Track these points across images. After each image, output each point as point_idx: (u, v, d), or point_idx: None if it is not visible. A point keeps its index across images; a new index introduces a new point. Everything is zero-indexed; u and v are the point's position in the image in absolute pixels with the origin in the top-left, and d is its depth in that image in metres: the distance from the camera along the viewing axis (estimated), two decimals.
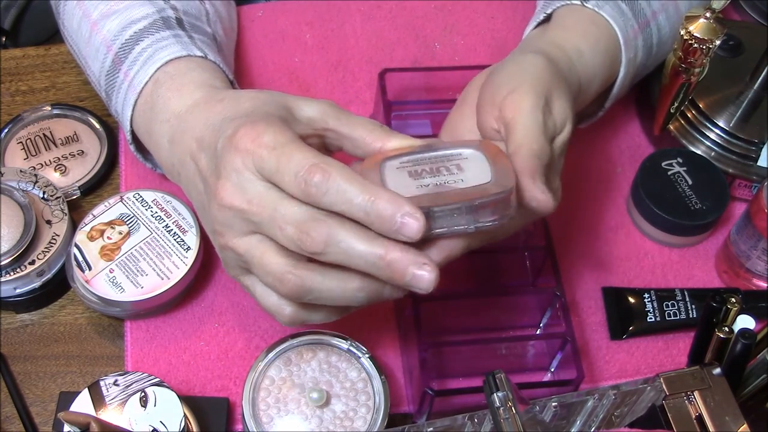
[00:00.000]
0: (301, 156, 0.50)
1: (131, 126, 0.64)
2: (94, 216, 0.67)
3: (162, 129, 0.61)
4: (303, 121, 0.56)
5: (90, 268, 0.65)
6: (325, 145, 0.57)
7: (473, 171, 0.53)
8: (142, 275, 0.65)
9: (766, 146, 0.74)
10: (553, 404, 0.55)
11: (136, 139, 0.66)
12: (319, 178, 0.49)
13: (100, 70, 0.65)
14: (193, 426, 0.60)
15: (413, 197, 0.50)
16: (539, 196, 0.53)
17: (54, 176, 0.73)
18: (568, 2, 0.67)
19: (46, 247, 0.67)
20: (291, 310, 0.54)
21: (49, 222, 0.67)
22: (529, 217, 0.57)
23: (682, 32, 0.68)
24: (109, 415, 0.58)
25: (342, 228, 0.49)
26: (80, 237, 0.66)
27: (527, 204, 0.53)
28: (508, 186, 0.51)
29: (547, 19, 0.68)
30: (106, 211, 0.67)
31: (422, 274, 0.49)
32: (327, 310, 0.55)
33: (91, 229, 0.66)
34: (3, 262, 0.65)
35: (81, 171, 0.73)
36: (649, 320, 0.70)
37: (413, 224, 0.48)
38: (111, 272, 0.65)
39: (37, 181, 0.69)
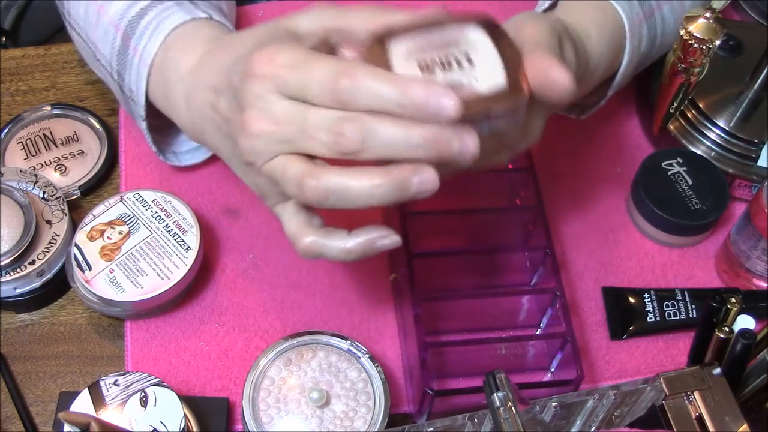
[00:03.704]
0: (323, 66, 0.49)
1: (148, 99, 0.64)
2: (94, 216, 0.67)
3: (176, 91, 0.61)
4: (305, 34, 0.55)
5: (90, 268, 0.65)
6: (331, 47, 0.56)
7: (485, 66, 0.51)
8: (142, 275, 0.65)
9: (766, 146, 0.74)
10: (553, 404, 0.55)
11: (150, 121, 0.66)
12: (347, 82, 0.48)
13: (111, 52, 0.65)
14: (193, 426, 0.60)
15: None
16: (559, 75, 0.52)
17: (54, 176, 0.73)
18: None
19: (46, 247, 0.67)
20: (309, 240, 0.53)
21: (49, 222, 0.67)
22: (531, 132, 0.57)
23: (682, 32, 0.68)
24: (109, 415, 0.58)
25: (378, 121, 0.49)
26: (80, 237, 0.66)
27: (544, 87, 0.53)
28: (524, 93, 0.51)
29: (553, 6, 0.68)
30: (106, 211, 0.67)
31: (467, 141, 0.49)
32: (342, 242, 0.54)
33: (91, 229, 0.66)
34: (3, 262, 0.65)
35: (81, 171, 0.73)
36: (649, 320, 0.70)
37: (449, 103, 0.48)
38: (111, 272, 0.65)
39: (37, 181, 0.69)
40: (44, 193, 0.68)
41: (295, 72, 0.50)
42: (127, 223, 0.67)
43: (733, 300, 0.57)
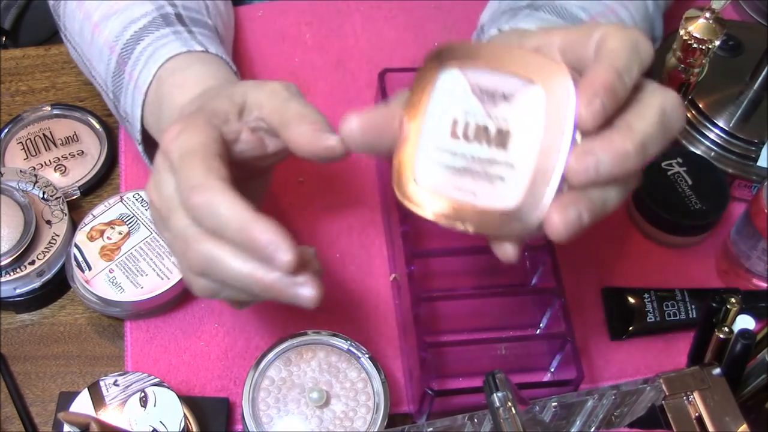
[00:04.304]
0: (192, 173, 0.49)
1: (143, 125, 0.64)
2: (94, 216, 0.67)
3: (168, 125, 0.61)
4: (248, 111, 0.54)
5: (90, 268, 0.65)
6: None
7: (516, 154, 0.46)
8: (142, 275, 0.65)
9: (766, 146, 0.74)
10: (553, 404, 0.55)
11: (146, 141, 0.65)
12: (198, 201, 0.48)
13: (106, 72, 0.65)
14: (193, 426, 0.60)
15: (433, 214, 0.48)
16: (585, 113, 0.43)
17: (54, 176, 0.73)
18: (497, 28, 0.65)
19: (46, 247, 0.67)
20: (202, 281, 0.51)
21: (49, 222, 0.68)
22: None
23: (682, 32, 0.68)
24: (109, 415, 0.58)
25: (220, 249, 0.48)
26: (80, 237, 0.66)
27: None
28: (532, 223, 0.45)
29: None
30: (106, 211, 0.67)
31: (303, 293, 0.48)
32: (236, 291, 0.52)
33: (91, 229, 0.66)
34: (3, 262, 0.65)
35: (81, 171, 0.73)
36: (649, 320, 0.70)
37: (283, 260, 0.46)
38: (111, 272, 0.65)
39: (37, 181, 0.69)
40: (44, 193, 0.68)
41: (177, 161, 0.50)
42: (127, 223, 0.67)
43: (733, 300, 0.57)
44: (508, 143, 0.47)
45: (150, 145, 0.66)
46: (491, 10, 0.70)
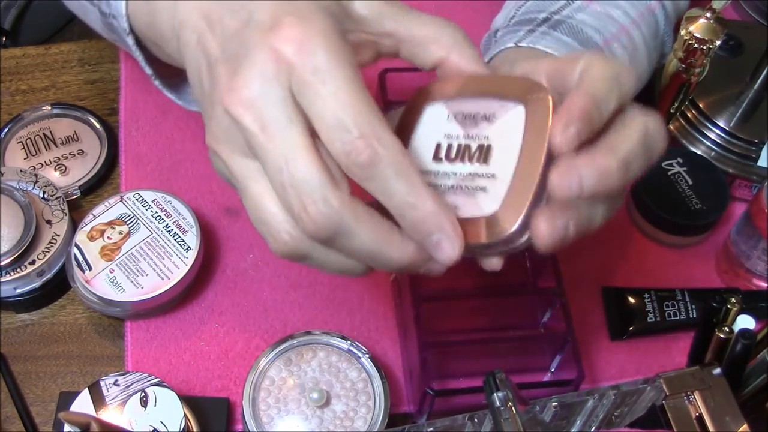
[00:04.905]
0: (356, 110, 0.40)
1: (131, 25, 0.53)
2: (94, 216, 0.67)
3: (163, 14, 0.49)
4: (356, 21, 0.46)
5: (90, 268, 0.65)
6: (378, 52, 0.48)
7: (497, 165, 0.46)
8: (142, 275, 0.65)
9: (766, 146, 0.74)
10: (553, 404, 0.55)
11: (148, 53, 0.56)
12: (366, 159, 0.40)
13: None
14: (193, 426, 0.60)
15: None
16: (559, 141, 0.43)
17: (54, 176, 0.72)
18: (503, 47, 0.63)
19: (46, 247, 0.66)
20: (295, 234, 0.43)
21: (49, 222, 0.67)
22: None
23: (683, 32, 0.68)
24: (110, 415, 0.58)
25: (356, 222, 0.41)
26: (80, 237, 0.66)
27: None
28: (506, 229, 0.45)
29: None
30: (107, 211, 0.67)
31: (440, 257, 0.43)
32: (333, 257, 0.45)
33: (92, 229, 0.66)
34: (3, 262, 0.65)
35: (81, 171, 0.73)
36: (649, 320, 0.70)
37: (447, 250, 0.43)
38: (111, 272, 0.65)
39: (37, 181, 0.69)
40: (44, 193, 0.68)
41: (319, 83, 0.40)
42: (127, 223, 0.67)
43: (733, 300, 0.57)
44: (489, 157, 0.47)
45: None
46: (506, 14, 0.69)
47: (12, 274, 0.65)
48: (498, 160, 0.47)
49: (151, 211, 0.67)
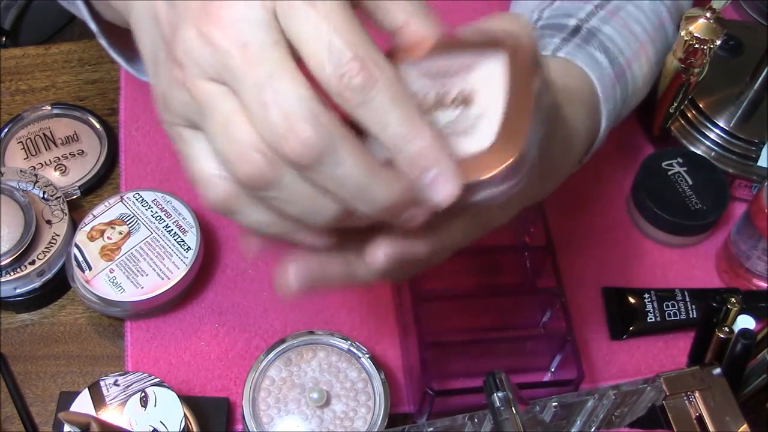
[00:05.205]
0: (349, 32, 0.37)
1: None
2: (94, 216, 0.67)
3: None
4: None
5: (90, 268, 0.65)
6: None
7: (483, 106, 0.44)
8: (142, 275, 0.65)
9: (766, 146, 0.74)
10: (553, 404, 0.55)
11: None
12: (361, 81, 0.37)
13: None
14: (193, 426, 0.60)
15: None
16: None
17: (54, 176, 0.73)
18: (552, 51, 0.61)
19: (46, 247, 0.66)
20: (227, 187, 0.40)
21: (49, 222, 0.67)
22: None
23: (683, 32, 0.68)
24: (109, 415, 0.58)
25: (345, 146, 0.37)
26: (80, 237, 0.66)
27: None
28: (511, 156, 0.41)
29: None
30: (106, 211, 0.67)
31: (436, 197, 0.39)
32: (273, 215, 0.41)
33: (92, 229, 0.66)
34: (3, 262, 0.65)
35: (81, 171, 0.73)
36: (649, 320, 0.70)
37: (446, 188, 0.38)
38: (111, 272, 0.65)
39: (37, 181, 0.69)
40: (44, 193, 0.68)
41: (309, 6, 0.37)
42: (127, 223, 0.67)
43: (733, 300, 0.57)
44: (472, 102, 0.44)
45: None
46: (526, 8, 0.66)
47: (12, 274, 0.65)
48: (483, 101, 0.44)
49: (151, 211, 0.67)
